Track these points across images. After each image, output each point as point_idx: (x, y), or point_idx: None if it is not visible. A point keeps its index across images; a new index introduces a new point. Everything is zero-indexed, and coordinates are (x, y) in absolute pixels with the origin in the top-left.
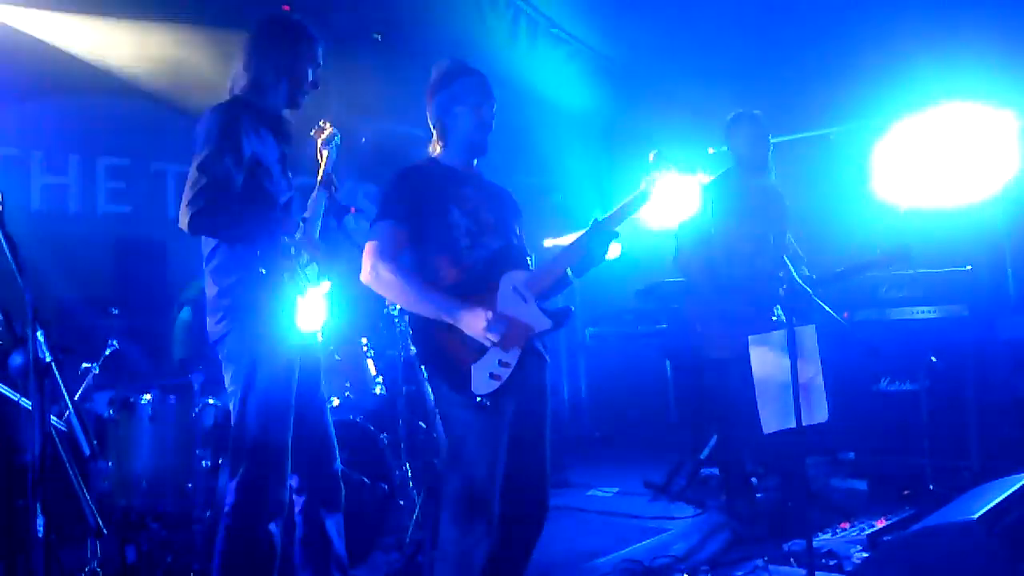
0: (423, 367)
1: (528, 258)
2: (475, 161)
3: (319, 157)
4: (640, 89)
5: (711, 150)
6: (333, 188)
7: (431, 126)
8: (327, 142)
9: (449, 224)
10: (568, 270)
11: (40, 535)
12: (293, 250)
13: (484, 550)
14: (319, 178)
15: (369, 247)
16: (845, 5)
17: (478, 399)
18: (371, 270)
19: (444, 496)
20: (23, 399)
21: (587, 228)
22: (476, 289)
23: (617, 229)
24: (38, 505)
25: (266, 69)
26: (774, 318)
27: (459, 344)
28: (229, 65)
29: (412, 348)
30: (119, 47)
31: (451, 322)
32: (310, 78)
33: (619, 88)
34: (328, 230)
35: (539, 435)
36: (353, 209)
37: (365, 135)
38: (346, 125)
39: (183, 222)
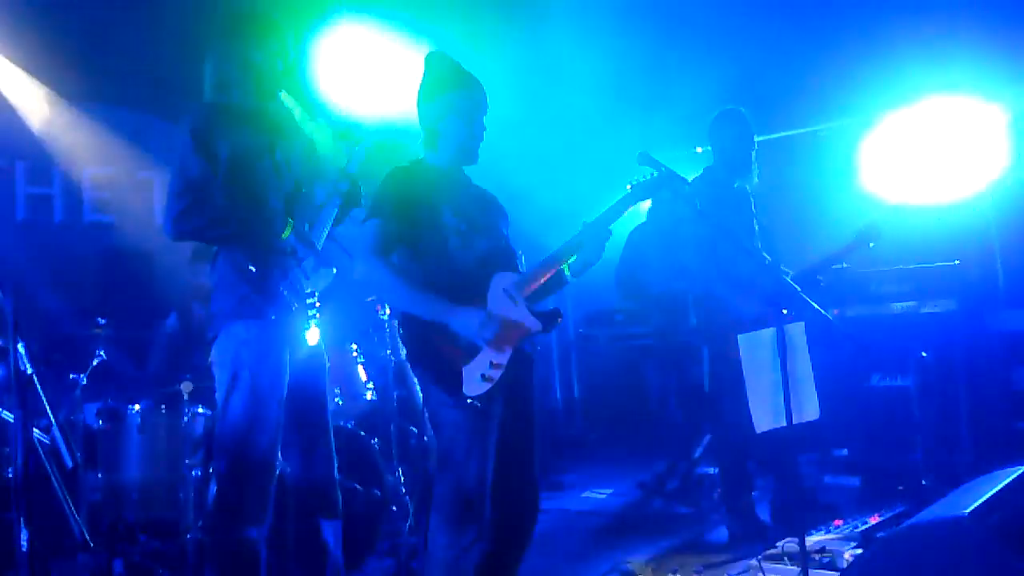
0: (414, 367)
1: (518, 259)
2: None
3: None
4: (626, 87)
5: (699, 149)
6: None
7: (421, 126)
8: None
9: (440, 224)
10: (566, 270)
11: (24, 549)
12: (292, 249)
13: (476, 555)
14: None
15: (361, 246)
16: (830, 1)
17: (468, 401)
18: (364, 268)
19: (434, 500)
20: (4, 412)
21: (577, 231)
22: (467, 290)
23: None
24: (22, 519)
25: (227, 67)
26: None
27: (451, 345)
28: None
29: (403, 349)
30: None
31: (444, 322)
32: (279, 68)
33: (606, 87)
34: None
35: (527, 436)
36: None
37: None
38: None
39: (165, 228)
